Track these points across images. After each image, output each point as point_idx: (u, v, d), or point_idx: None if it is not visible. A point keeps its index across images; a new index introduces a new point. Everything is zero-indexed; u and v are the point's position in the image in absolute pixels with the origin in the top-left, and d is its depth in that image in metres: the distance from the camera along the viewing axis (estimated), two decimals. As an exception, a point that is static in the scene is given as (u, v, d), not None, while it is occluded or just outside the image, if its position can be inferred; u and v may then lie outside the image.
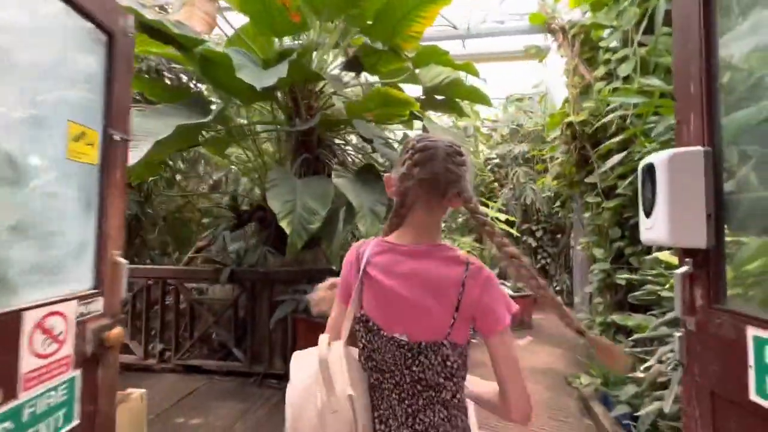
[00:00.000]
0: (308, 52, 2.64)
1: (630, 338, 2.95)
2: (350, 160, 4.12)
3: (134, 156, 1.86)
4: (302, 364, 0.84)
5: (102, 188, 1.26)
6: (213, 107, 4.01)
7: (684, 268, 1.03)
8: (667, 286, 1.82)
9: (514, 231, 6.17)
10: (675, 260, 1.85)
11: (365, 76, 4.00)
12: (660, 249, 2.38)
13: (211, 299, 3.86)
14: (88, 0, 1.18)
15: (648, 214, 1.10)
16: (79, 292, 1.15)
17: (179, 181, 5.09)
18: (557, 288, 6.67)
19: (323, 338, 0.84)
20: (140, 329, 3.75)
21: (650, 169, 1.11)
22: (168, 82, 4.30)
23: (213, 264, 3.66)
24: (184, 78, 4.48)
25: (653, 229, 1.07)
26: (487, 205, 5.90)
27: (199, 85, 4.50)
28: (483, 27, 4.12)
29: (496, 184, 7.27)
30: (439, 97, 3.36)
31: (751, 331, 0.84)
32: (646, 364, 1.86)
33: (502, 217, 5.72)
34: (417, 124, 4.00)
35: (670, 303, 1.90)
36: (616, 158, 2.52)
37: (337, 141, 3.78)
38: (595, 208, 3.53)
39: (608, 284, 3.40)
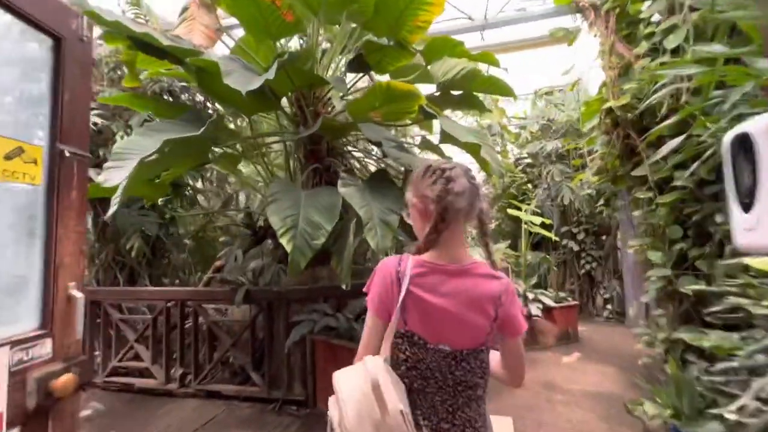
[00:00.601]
0: (310, 54, 2.47)
1: (710, 364, 2.45)
2: (371, 168, 3.91)
3: (118, 175, 1.74)
4: (348, 385, 0.85)
5: (50, 212, 1.09)
6: (229, 124, 3.97)
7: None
8: (766, 302, 1.39)
9: (552, 235, 5.65)
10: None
11: (378, 79, 3.79)
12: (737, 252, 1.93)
13: (230, 321, 3.74)
14: (27, 3, 1.04)
15: (747, 208, 0.76)
16: (15, 336, 0.98)
17: (202, 200, 5.11)
18: (606, 296, 6.01)
19: (370, 359, 0.88)
20: (161, 353, 3.69)
21: (744, 143, 0.76)
22: (188, 103, 4.33)
23: (230, 284, 3.54)
24: (200, 98, 4.50)
25: (758, 230, 0.73)
26: (519, 208, 5.44)
27: (216, 104, 4.50)
28: (502, 15, 3.79)
29: (529, 184, 6.76)
30: (456, 93, 3.05)
31: None
32: (739, 403, 1.43)
33: (537, 220, 5.24)
34: (436, 127, 3.72)
35: (766, 322, 1.46)
36: (673, 143, 2.09)
37: (349, 148, 3.57)
38: (647, 205, 3.04)
39: (670, 293, 2.89)
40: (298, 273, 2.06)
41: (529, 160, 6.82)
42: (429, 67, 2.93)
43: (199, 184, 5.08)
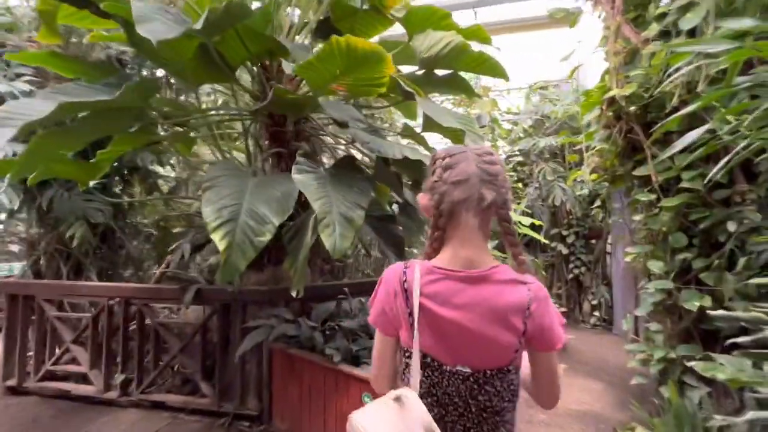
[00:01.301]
0: (267, 15, 2.07)
1: (711, 389, 2.17)
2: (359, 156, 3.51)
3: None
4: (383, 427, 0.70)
5: None
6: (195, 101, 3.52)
7: None
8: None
9: (541, 237, 5.36)
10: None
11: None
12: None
13: (181, 323, 3.33)
14: None
15: None
16: None
17: (161, 185, 4.67)
18: (594, 302, 5.76)
19: (407, 396, 0.73)
20: (101, 356, 3.26)
21: None
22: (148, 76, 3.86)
23: (180, 281, 3.13)
24: (161, 72, 4.03)
25: None
26: (508, 208, 5.13)
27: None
28: (497, -7, 3.42)
29: (519, 183, 6.46)
30: (441, 73, 2.68)
31: None
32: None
33: (527, 221, 4.93)
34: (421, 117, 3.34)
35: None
36: (689, 137, 1.75)
37: (322, 133, 3.17)
38: (648, 209, 2.74)
39: (669, 308, 2.60)
40: (234, 276, 1.68)
41: (520, 158, 6.50)
42: (411, 42, 2.54)
43: (161, 168, 4.63)
